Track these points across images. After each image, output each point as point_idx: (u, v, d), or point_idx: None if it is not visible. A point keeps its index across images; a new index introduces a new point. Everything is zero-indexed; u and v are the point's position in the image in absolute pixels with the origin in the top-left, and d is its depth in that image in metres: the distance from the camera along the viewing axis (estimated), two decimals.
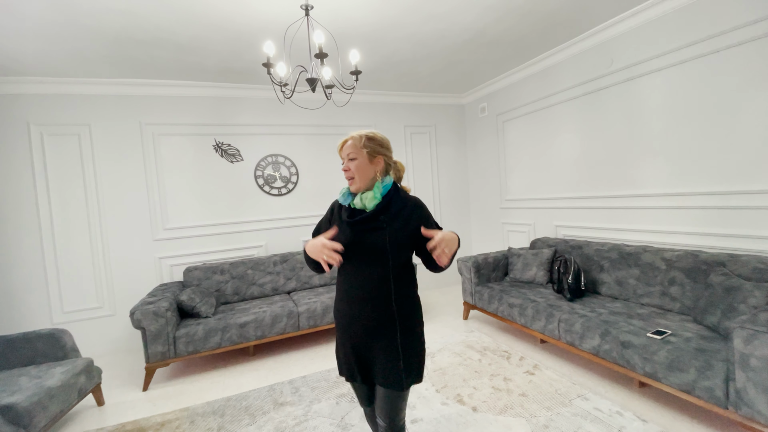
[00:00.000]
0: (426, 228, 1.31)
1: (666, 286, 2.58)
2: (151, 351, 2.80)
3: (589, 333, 2.43)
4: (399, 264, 1.35)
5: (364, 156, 1.35)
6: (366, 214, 1.33)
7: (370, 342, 1.37)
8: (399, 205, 1.36)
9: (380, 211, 1.33)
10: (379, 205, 1.33)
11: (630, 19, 2.95)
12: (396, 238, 1.32)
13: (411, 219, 1.35)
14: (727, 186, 2.51)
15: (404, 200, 1.38)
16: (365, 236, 1.33)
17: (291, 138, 4.22)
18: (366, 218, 1.33)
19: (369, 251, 1.33)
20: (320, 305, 3.31)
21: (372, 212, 1.33)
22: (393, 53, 3.38)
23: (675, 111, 2.77)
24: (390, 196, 1.35)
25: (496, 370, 2.69)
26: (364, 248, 1.33)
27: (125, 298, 3.64)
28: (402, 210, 1.36)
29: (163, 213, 3.75)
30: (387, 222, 1.33)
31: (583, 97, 3.46)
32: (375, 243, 1.32)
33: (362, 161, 1.35)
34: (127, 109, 3.62)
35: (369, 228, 1.33)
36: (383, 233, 1.32)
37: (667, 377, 1.99)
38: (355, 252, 1.34)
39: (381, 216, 1.33)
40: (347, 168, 1.37)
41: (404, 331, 1.35)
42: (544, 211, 4.01)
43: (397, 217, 1.34)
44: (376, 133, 1.39)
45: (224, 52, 3.08)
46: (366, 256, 1.34)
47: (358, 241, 1.33)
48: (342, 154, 1.40)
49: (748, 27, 2.33)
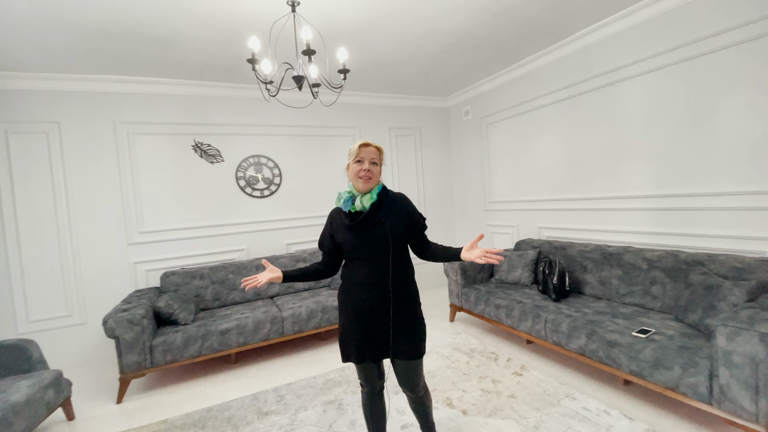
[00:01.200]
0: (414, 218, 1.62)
1: (647, 286, 2.64)
2: (125, 361, 2.66)
3: (575, 333, 2.45)
4: (398, 252, 1.57)
5: (380, 165, 1.60)
6: (365, 214, 1.54)
7: (376, 322, 1.56)
8: (390, 202, 1.59)
9: (376, 208, 1.54)
10: (375, 203, 1.54)
11: (610, 25, 3.04)
12: (395, 229, 1.55)
13: (403, 212, 1.60)
14: (703, 188, 2.60)
15: (393, 197, 1.62)
16: (368, 232, 1.55)
17: (274, 138, 4.13)
18: (366, 217, 1.53)
19: (371, 245, 1.54)
20: (305, 310, 3.23)
21: (369, 211, 1.53)
22: (380, 54, 3.36)
23: (653, 115, 2.86)
24: (382, 195, 1.58)
25: (485, 372, 2.68)
26: (369, 242, 1.54)
27: (97, 306, 3.45)
28: (394, 205, 1.59)
29: (138, 216, 3.59)
30: (385, 217, 1.55)
31: (565, 101, 3.53)
32: (377, 236, 1.54)
33: (379, 168, 1.60)
34: (100, 106, 3.45)
35: (370, 225, 1.54)
36: (384, 227, 1.54)
37: (653, 375, 2.02)
38: (362, 247, 1.55)
39: (379, 212, 1.55)
40: (369, 169, 1.54)
41: (405, 310, 1.58)
42: (528, 213, 4.07)
43: (392, 212, 1.57)
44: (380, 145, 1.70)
45: (206, 48, 2.98)
46: (371, 248, 1.55)
47: (363, 238, 1.55)
48: (362, 154, 1.55)
49: (721, 35, 2.42)
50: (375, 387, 1.70)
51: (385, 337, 1.56)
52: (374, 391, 1.70)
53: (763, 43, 2.25)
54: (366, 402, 1.72)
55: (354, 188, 1.58)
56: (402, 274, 1.59)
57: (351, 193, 1.58)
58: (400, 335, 1.56)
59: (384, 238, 1.53)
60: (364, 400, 1.73)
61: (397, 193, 1.65)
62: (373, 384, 1.68)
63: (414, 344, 1.58)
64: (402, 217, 1.58)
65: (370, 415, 1.73)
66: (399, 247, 1.57)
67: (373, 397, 1.71)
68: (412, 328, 1.59)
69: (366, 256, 1.55)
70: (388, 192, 1.61)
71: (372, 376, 1.66)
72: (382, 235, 1.53)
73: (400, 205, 1.61)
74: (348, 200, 1.57)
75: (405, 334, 1.56)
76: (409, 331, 1.58)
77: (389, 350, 1.57)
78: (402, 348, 1.56)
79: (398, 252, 1.57)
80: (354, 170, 1.56)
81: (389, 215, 1.56)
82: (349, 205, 1.56)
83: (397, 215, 1.57)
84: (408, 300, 1.60)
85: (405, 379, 1.63)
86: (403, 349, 1.56)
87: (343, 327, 1.64)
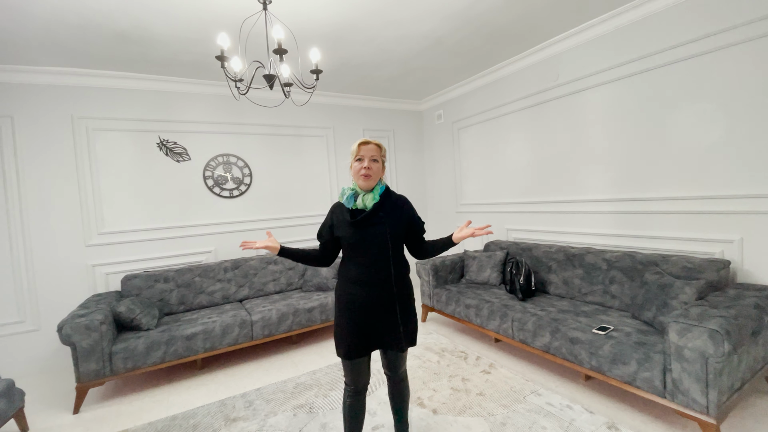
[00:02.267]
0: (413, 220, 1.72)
1: (607, 285, 2.78)
2: (82, 369, 2.52)
3: (540, 331, 2.54)
4: (397, 251, 1.64)
5: (380, 161, 1.65)
6: (367, 212, 1.60)
7: (375, 317, 1.62)
8: (392, 203, 1.66)
9: (378, 208, 1.60)
10: (377, 204, 1.60)
11: (574, 36, 3.17)
12: (394, 230, 1.62)
13: (403, 214, 1.67)
14: (657, 192, 2.76)
15: (396, 198, 1.69)
16: (368, 230, 1.60)
17: (244, 137, 4.04)
18: (367, 216, 1.60)
19: (372, 243, 1.60)
20: (276, 313, 3.18)
21: (371, 210, 1.59)
22: (353, 56, 3.36)
23: (612, 123, 3.01)
24: (385, 195, 1.65)
25: (455, 371, 2.73)
26: (368, 241, 1.60)
27: (51, 311, 3.25)
28: (395, 207, 1.66)
29: (97, 216, 3.41)
30: (386, 217, 1.61)
31: (532, 108, 3.66)
32: (377, 235, 1.59)
33: (380, 165, 1.65)
34: (57, 100, 3.26)
35: (371, 223, 1.60)
36: (383, 227, 1.59)
37: (611, 370, 2.13)
38: (361, 245, 1.61)
39: (380, 213, 1.61)
40: (369, 167, 1.60)
41: (402, 307, 1.65)
42: (497, 215, 4.18)
43: (393, 213, 1.64)
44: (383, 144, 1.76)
45: (171, 43, 2.88)
46: (370, 247, 1.60)
47: (362, 235, 1.60)
48: (362, 152, 1.61)
49: (675, 49, 2.58)
50: (359, 386, 1.71)
51: (383, 332, 1.64)
52: (358, 390, 1.72)
53: (712, 58, 2.41)
54: (347, 400, 1.73)
55: (357, 186, 1.64)
56: (401, 274, 1.67)
57: (354, 190, 1.64)
58: (404, 328, 1.66)
59: (384, 238, 1.59)
60: (345, 398, 1.73)
61: (399, 195, 1.73)
62: (357, 383, 1.70)
63: (411, 335, 1.70)
64: (402, 219, 1.66)
65: (349, 413, 1.73)
66: (398, 246, 1.66)
67: (356, 396, 1.72)
68: (411, 321, 1.71)
69: (365, 254, 1.61)
70: (390, 193, 1.68)
71: (359, 374, 1.68)
72: (382, 234, 1.59)
73: (402, 208, 1.69)
74: (351, 197, 1.63)
75: (404, 327, 1.66)
76: (409, 325, 1.68)
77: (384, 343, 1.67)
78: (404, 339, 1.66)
79: (397, 251, 1.65)
80: (355, 168, 1.62)
81: (390, 216, 1.62)
82: (352, 201, 1.62)
83: (398, 217, 1.65)
84: (407, 296, 1.70)
85: (393, 364, 1.75)
86: (405, 339, 1.67)
87: (338, 323, 1.67)
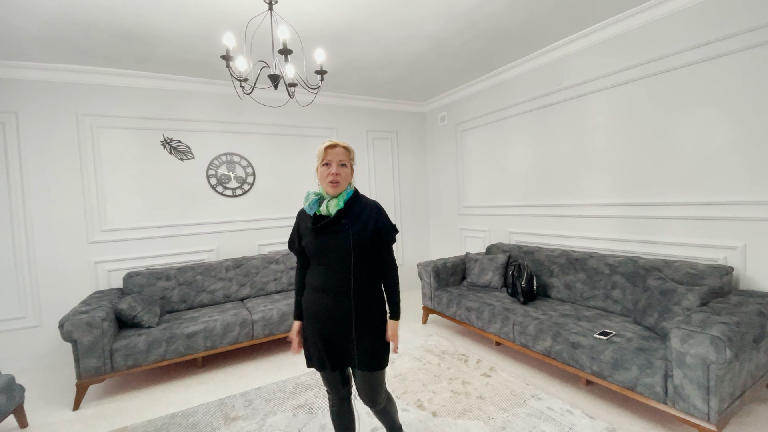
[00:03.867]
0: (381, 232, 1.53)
1: (609, 290, 2.77)
2: (83, 366, 2.53)
3: (541, 335, 2.54)
4: (360, 261, 1.50)
5: (349, 165, 1.54)
6: (329, 219, 1.48)
7: (334, 330, 1.52)
8: (359, 209, 1.53)
9: (342, 215, 1.49)
10: (341, 210, 1.48)
11: (579, 40, 3.17)
12: (357, 238, 1.48)
13: (369, 221, 1.52)
14: (661, 198, 2.75)
15: (364, 205, 1.55)
16: (330, 238, 1.49)
17: (248, 137, 4.05)
18: (329, 222, 1.49)
19: (334, 250, 1.49)
20: (276, 312, 3.18)
21: (334, 217, 1.48)
22: (357, 57, 3.36)
23: (616, 128, 3.00)
24: (351, 201, 1.52)
25: (455, 374, 2.72)
26: (330, 248, 1.49)
27: (53, 307, 3.26)
28: (362, 213, 1.52)
29: (100, 213, 3.42)
30: (349, 224, 1.49)
31: (536, 111, 3.65)
32: (339, 243, 1.48)
33: (348, 170, 1.53)
34: (62, 97, 3.28)
35: (333, 230, 1.49)
36: (346, 234, 1.48)
37: (612, 375, 2.12)
38: (323, 252, 1.51)
39: (342, 219, 1.49)
40: (337, 173, 1.48)
41: (360, 321, 1.50)
42: (499, 218, 4.17)
43: (358, 220, 1.51)
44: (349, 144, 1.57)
45: (176, 41, 2.89)
46: (331, 254, 1.50)
47: (324, 243, 1.50)
48: (329, 157, 1.49)
49: (681, 54, 2.57)
50: (340, 394, 1.66)
51: (344, 346, 1.52)
52: (340, 398, 1.67)
53: (718, 64, 2.41)
54: (332, 408, 1.70)
55: (323, 191, 1.53)
56: (365, 284, 1.52)
57: (319, 195, 1.53)
58: (360, 345, 1.50)
59: (346, 246, 1.47)
60: (330, 406, 1.71)
61: (370, 201, 1.58)
62: (337, 390, 1.65)
63: (373, 355, 1.52)
64: (368, 227, 1.51)
65: (336, 421, 1.70)
66: (362, 256, 1.50)
67: (339, 403, 1.68)
68: (373, 339, 1.53)
69: (327, 262, 1.50)
70: (359, 198, 1.55)
71: (335, 383, 1.62)
72: (345, 242, 1.47)
73: (369, 214, 1.53)
74: (315, 202, 1.51)
75: (364, 344, 1.51)
76: (370, 342, 1.52)
77: (349, 359, 1.53)
78: (361, 358, 1.51)
79: (362, 261, 1.50)
80: (322, 173, 1.50)
81: (355, 223, 1.49)
82: (315, 207, 1.50)
83: (363, 223, 1.50)
84: (371, 310, 1.53)
85: (364, 390, 1.58)
86: (363, 359, 1.51)
87: (305, 332, 1.61)
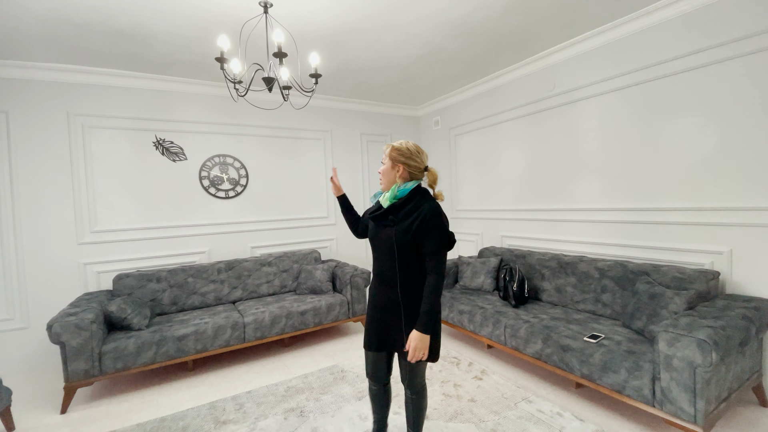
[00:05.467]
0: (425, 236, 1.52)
1: (599, 293, 2.80)
2: (71, 368, 2.49)
3: (532, 338, 2.56)
4: (405, 258, 1.56)
5: (388, 163, 1.62)
6: (379, 212, 1.62)
7: (384, 318, 1.65)
8: (410, 209, 1.56)
9: (391, 210, 1.57)
10: (392, 205, 1.58)
11: (571, 47, 3.22)
12: (400, 236, 1.54)
13: (414, 224, 1.53)
14: (649, 203, 2.80)
15: (418, 206, 1.56)
16: (380, 230, 1.62)
17: (241, 138, 4.04)
18: (379, 215, 1.62)
19: (382, 243, 1.61)
20: (268, 315, 3.17)
21: (384, 211, 1.59)
22: (352, 60, 3.38)
23: (607, 134, 3.05)
24: (406, 200, 1.57)
25: (447, 377, 2.73)
26: (380, 239, 1.62)
27: (41, 309, 3.21)
28: (411, 214, 1.55)
29: (91, 213, 3.38)
30: (396, 221, 1.56)
31: (528, 116, 3.70)
32: (386, 237, 1.58)
33: (387, 167, 1.63)
34: (53, 97, 3.24)
35: (383, 224, 1.61)
36: (392, 230, 1.56)
37: (602, 378, 2.15)
38: (375, 241, 1.65)
39: (390, 215, 1.57)
40: (380, 171, 1.66)
41: (408, 315, 1.58)
42: (492, 222, 4.20)
43: (405, 219, 1.55)
44: (403, 144, 1.61)
45: (170, 42, 2.88)
46: (381, 246, 1.62)
47: (377, 233, 1.64)
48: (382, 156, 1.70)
49: (671, 62, 2.62)
50: (375, 378, 1.78)
51: (394, 333, 1.63)
52: (376, 382, 1.80)
53: (708, 72, 2.45)
54: (370, 388, 1.86)
55: None
56: (410, 282, 1.58)
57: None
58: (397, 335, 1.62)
59: (390, 241, 1.56)
60: (369, 388, 1.88)
61: (428, 204, 1.55)
62: (373, 375, 1.78)
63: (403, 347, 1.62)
64: (412, 227, 1.52)
65: (372, 399, 1.88)
66: (407, 254, 1.55)
67: (375, 386, 1.83)
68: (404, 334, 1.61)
69: (379, 252, 1.64)
70: (416, 198, 1.57)
71: (378, 368, 1.75)
72: (389, 238, 1.57)
73: (418, 215, 1.53)
74: (379, 193, 1.70)
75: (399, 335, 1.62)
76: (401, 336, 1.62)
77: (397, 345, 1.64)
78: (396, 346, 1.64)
79: (407, 258, 1.56)
80: None
81: (402, 222, 1.55)
82: (375, 198, 1.72)
83: (408, 225, 1.53)
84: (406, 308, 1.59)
85: (405, 374, 1.69)
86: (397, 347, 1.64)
87: (368, 313, 1.76)
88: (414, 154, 1.59)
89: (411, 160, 1.59)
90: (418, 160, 1.60)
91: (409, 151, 1.59)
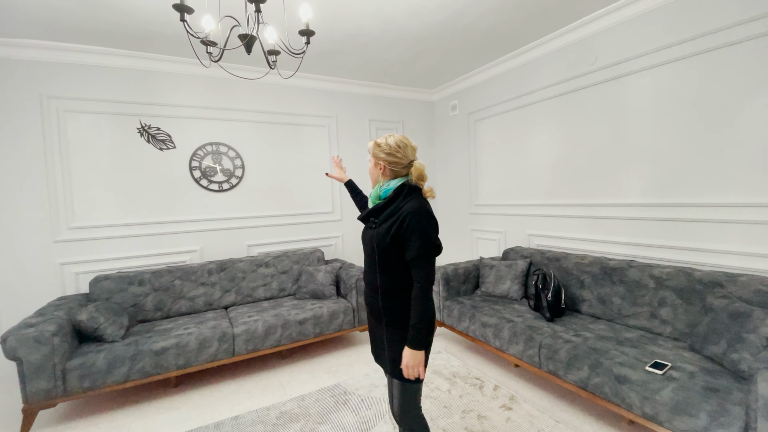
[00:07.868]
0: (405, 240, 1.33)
1: (655, 307, 2.31)
2: (30, 388, 2.14)
3: (576, 363, 2.09)
4: (386, 263, 1.40)
5: (374, 159, 1.48)
6: (364, 213, 1.52)
7: (372, 327, 1.56)
8: (392, 211, 1.40)
9: (374, 213, 1.45)
10: (375, 207, 1.45)
11: (617, 12, 2.71)
12: (380, 239, 1.39)
13: (394, 227, 1.36)
14: (717, 198, 2.29)
15: (399, 206, 1.38)
16: (366, 231, 1.52)
17: (236, 125, 3.63)
18: (364, 216, 1.51)
19: (366, 245, 1.51)
20: (262, 325, 2.77)
21: (367, 213, 1.49)
22: (358, 32, 2.92)
23: (662, 115, 2.54)
24: (390, 200, 1.41)
25: (469, 405, 2.29)
26: (364, 242, 1.52)
27: (14, 315, 2.87)
28: (392, 216, 1.39)
29: (67, 208, 3.03)
30: (377, 224, 1.42)
31: (562, 96, 3.19)
32: (368, 239, 1.47)
33: (371, 165, 1.51)
34: (23, 77, 2.88)
35: (368, 225, 1.50)
36: (373, 233, 1.43)
37: (671, 421, 1.67)
38: (362, 242, 1.54)
39: (372, 217, 1.46)
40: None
41: (389, 325, 1.43)
42: (517, 218, 3.72)
43: (386, 222, 1.40)
44: (384, 140, 1.45)
45: (148, 10, 2.47)
46: (365, 248, 1.52)
47: (363, 234, 1.54)
48: None
49: (743, 25, 2.11)
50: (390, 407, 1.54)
51: (380, 344, 1.51)
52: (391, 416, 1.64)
53: None
54: None
55: None
56: (392, 288, 1.41)
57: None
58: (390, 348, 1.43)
59: (371, 245, 1.45)
60: None
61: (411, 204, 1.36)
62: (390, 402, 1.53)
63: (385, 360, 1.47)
64: (390, 232, 1.35)
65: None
66: (389, 259, 1.39)
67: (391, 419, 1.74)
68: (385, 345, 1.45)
69: (364, 254, 1.54)
70: (400, 197, 1.40)
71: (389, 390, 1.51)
72: (371, 239, 1.45)
73: (399, 216, 1.35)
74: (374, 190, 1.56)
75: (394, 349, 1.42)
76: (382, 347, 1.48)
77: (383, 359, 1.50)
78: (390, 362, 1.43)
79: (389, 263, 1.40)
80: None
81: (383, 224, 1.40)
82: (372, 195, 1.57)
83: (388, 227, 1.37)
84: (388, 316, 1.42)
85: (392, 398, 1.47)
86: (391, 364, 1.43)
87: None
88: (395, 150, 1.42)
89: (392, 156, 1.42)
90: (399, 156, 1.42)
91: (389, 146, 1.42)
